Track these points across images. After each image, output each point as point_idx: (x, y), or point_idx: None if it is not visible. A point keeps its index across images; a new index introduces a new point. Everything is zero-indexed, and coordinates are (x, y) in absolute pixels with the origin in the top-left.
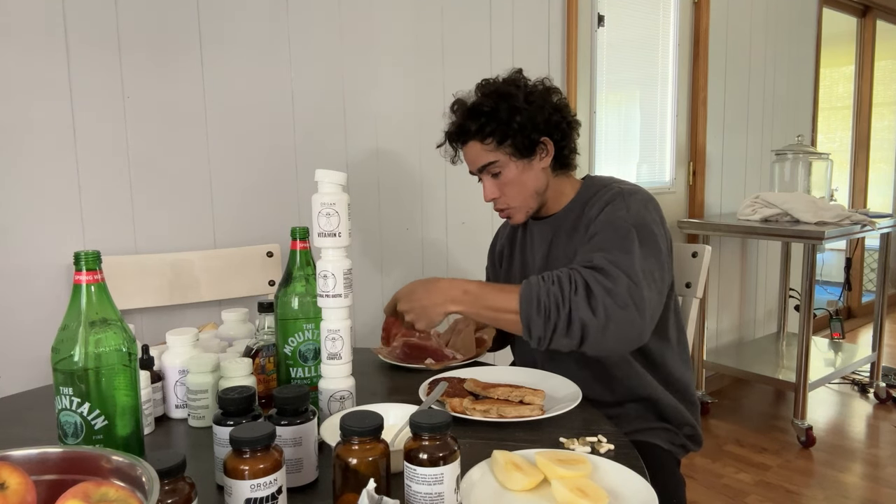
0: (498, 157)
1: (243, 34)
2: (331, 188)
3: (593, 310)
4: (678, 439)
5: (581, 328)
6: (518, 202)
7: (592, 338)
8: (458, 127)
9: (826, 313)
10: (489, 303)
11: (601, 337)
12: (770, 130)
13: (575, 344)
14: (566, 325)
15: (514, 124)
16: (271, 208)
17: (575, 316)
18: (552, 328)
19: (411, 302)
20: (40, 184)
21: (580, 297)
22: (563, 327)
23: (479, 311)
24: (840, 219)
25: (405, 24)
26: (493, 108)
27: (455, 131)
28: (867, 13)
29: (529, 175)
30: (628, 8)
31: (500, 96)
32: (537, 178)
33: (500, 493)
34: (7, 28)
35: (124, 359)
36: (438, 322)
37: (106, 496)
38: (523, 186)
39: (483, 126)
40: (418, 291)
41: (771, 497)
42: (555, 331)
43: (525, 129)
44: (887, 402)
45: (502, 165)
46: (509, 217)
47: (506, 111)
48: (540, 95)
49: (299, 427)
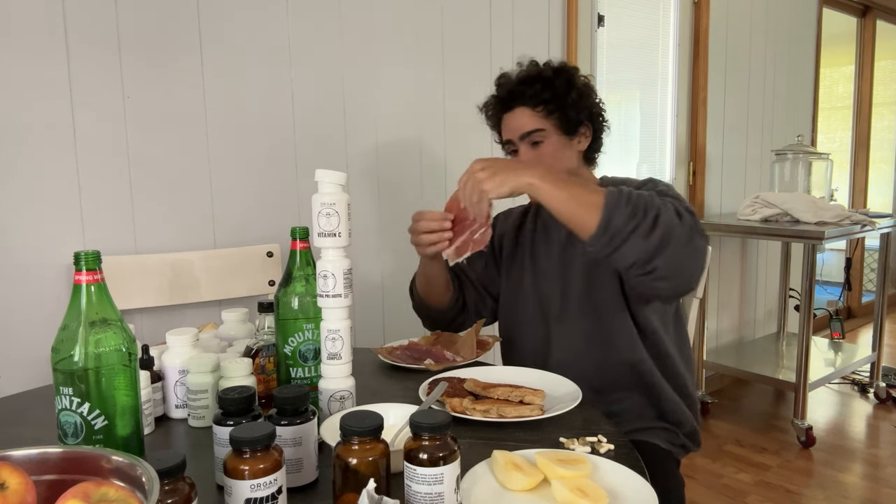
0: (545, 126)
1: (243, 34)
2: (331, 188)
3: (679, 215)
4: (678, 439)
5: (665, 231)
6: None
7: (672, 247)
8: (512, 92)
9: (826, 313)
10: (572, 188)
11: (681, 250)
12: (770, 130)
13: (651, 248)
14: (652, 222)
15: (568, 98)
16: (271, 208)
17: (662, 219)
18: (635, 224)
19: (494, 162)
20: (40, 184)
21: (668, 206)
22: (647, 225)
23: (558, 193)
24: (840, 219)
25: (405, 25)
26: (552, 77)
27: (506, 95)
28: (867, 13)
29: (567, 153)
30: (628, 8)
31: (559, 70)
32: (571, 159)
33: (500, 493)
34: (7, 28)
35: (124, 359)
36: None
37: (106, 496)
38: (560, 161)
39: (539, 92)
40: (500, 159)
41: (771, 497)
42: (636, 228)
43: (576, 106)
44: (887, 402)
45: (546, 136)
46: None
47: (563, 84)
48: (589, 86)
49: (299, 427)
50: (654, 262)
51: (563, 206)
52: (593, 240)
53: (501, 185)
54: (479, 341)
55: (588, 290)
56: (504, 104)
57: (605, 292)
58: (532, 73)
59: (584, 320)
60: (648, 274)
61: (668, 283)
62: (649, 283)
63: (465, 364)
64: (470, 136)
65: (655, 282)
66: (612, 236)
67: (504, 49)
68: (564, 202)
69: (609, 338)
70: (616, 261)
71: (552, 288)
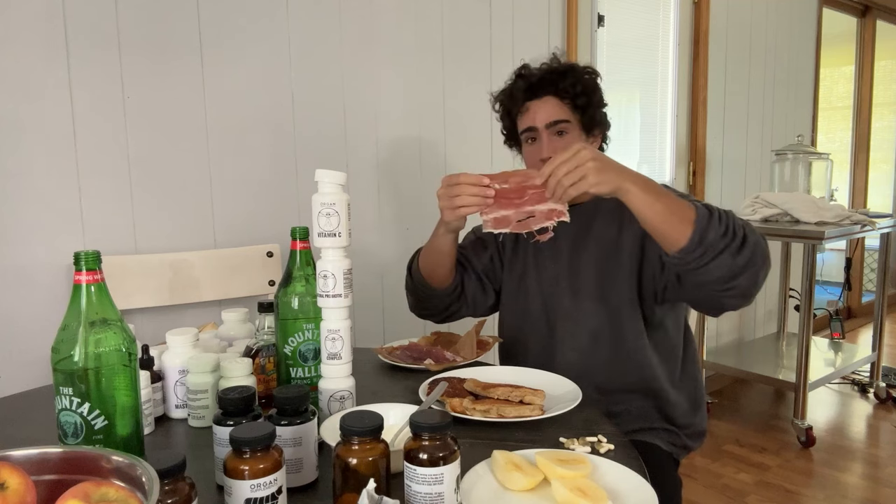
0: (570, 119)
1: (243, 34)
2: (331, 188)
3: (764, 240)
4: (679, 440)
5: (752, 252)
6: None
7: (755, 268)
8: (542, 79)
9: (826, 313)
10: (667, 199)
11: (760, 271)
12: (770, 130)
13: (738, 267)
14: (741, 243)
15: (594, 97)
16: (271, 208)
17: (751, 239)
18: (728, 241)
19: (602, 156)
20: (40, 184)
21: (751, 228)
22: (737, 245)
23: (654, 204)
24: (840, 219)
25: (405, 25)
26: (582, 75)
27: (537, 82)
28: (867, 13)
29: None
30: (628, 8)
31: (590, 70)
32: None
33: (500, 493)
34: (7, 28)
35: (124, 359)
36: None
37: (106, 496)
38: None
39: (571, 85)
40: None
41: (771, 497)
42: (727, 246)
43: (599, 106)
44: (887, 402)
45: (570, 128)
46: None
47: (591, 83)
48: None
49: (299, 427)
50: (737, 281)
51: (658, 218)
52: (684, 253)
53: (604, 184)
54: (479, 341)
55: (600, 291)
56: (534, 90)
57: (620, 293)
58: (564, 66)
59: (594, 320)
60: (726, 291)
61: (737, 301)
62: (723, 298)
63: (465, 364)
64: (470, 136)
65: (729, 299)
66: (703, 251)
67: (504, 49)
68: (659, 214)
69: (618, 338)
70: (700, 275)
71: (561, 289)
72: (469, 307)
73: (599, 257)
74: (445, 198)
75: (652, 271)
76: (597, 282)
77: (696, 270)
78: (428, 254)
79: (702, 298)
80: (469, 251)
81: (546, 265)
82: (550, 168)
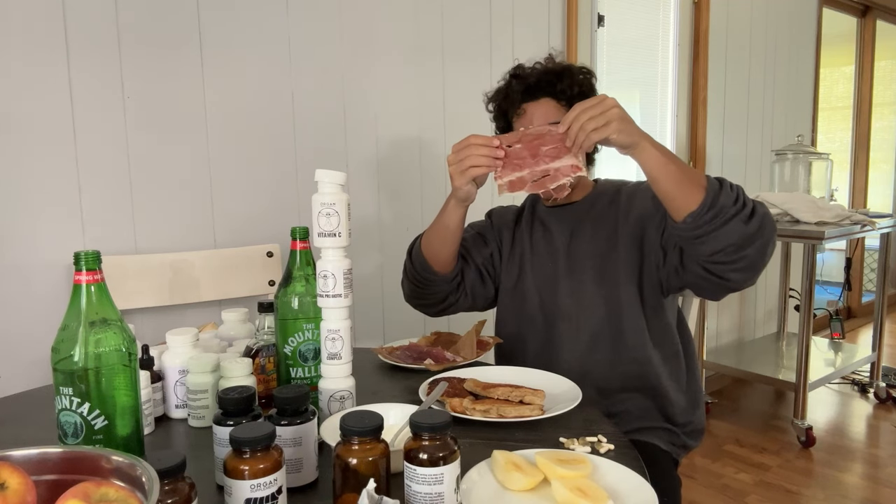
0: None
1: (243, 34)
2: (331, 188)
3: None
4: (678, 440)
5: (762, 222)
6: None
7: (764, 239)
8: (541, 82)
9: (826, 313)
10: (678, 163)
11: (768, 245)
12: (770, 130)
13: (748, 234)
14: (751, 211)
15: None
16: (271, 208)
17: (760, 210)
18: (739, 207)
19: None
20: (40, 183)
21: (759, 202)
22: (747, 213)
23: (667, 165)
24: (840, 219)
25: (405, 25)
26: (578, 76)
27: (535, 83)
28: (867, 13)
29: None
30: (628, 8)
31: (585, 71)
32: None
33: (500, 493)
34: (7, 28)
35: (124, 359)
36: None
37: (106, 496)
38: None
39: (568, 87)
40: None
41: (771, 497)
42: (738, 212)
43: None
44: (887, 402)
45: None
46: None
47: (587, 84)
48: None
49: (299, 427)
50: (746, 251)
51: (672, 178)
52: (695, 216)
53: (625, 134)
54: (478, 341)
55: (600, 290)
56: (530, 92)
57: (619, 291)
58: (561, 67)
59: (594, 319)
60: (733, 262)
61: (743, 276)
62: (728, 271)
63: (465, 364)
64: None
65: (735, 272)
66: (715, 215)
67: (504, 49)
68: (673, 175)
69: (619, 336)
70: (708, 242)
71: (561, 288)
72: (468, 298)
73: (597, 256)
74: (455, 161)
75: (654, 262)
76: (595, 281)
77: (705, 237)
78: (433, 231)
79: (707, 276)
80: (469, 243)
81: (544, 264)
82: (574, 114)
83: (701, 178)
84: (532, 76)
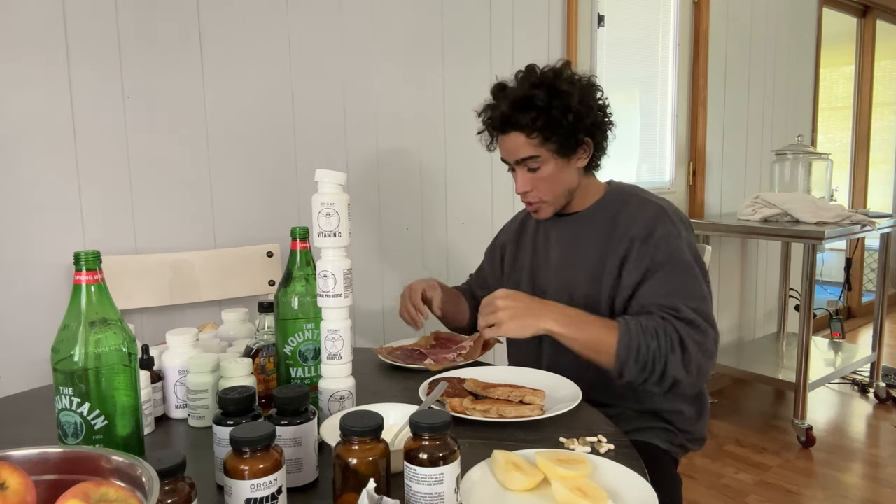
0: (540, 153)
1: (243, 34)
2: (331, 188)
3: (686, 368)
4: (677, 439)
5: (672, 383)
6: (550, 198)
7: (680, 388)
8: (505, 116)
9: (826, 313)
10: (588, 334)
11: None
12: (770, 130)
13: (662, 391)
14: (659, 378)
15: (564, 123)
16: (271, 208)
17: (669, 374)
18: (645, 378)
19: (516, 300)
20: (40, 184)
21: (676, 356)
22: (655, 380)
23: (576, 337)
24: (840, 219)
25: (405, 24)
26: (547, 103)
27: (500, 120)
28: (867, 13)
29: (566, 173)
30: (628, 8)
31: (556, 93)
32: (572, 177)
33: (500, 493)
34: (7, 28)
35: (124, 359)
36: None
37: (106, 496)
38: (558, 184)
39: (534, 120)
40: (523, 298)
41: (771, 497)
42: (647, 380)
43: (574, 129)
44: (887, 402)
45: (542, 161)
46: (536, 211)
47: (559, 109)
48: (590, 94)
49: (299, 427)
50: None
51: (581, 348)
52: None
53: (521, 329)
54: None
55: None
56: (497, 128)
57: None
58: (525, 95)
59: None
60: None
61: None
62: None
63: (465, 364)
64: (470, 136)
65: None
66: (626, 383)
67: (504, 49)
68: (581, 345)
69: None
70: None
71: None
72: None
73: (588, 276)
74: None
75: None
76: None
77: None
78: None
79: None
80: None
81: (540, 276)
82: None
83: (612, 344)
84: (499, 109)
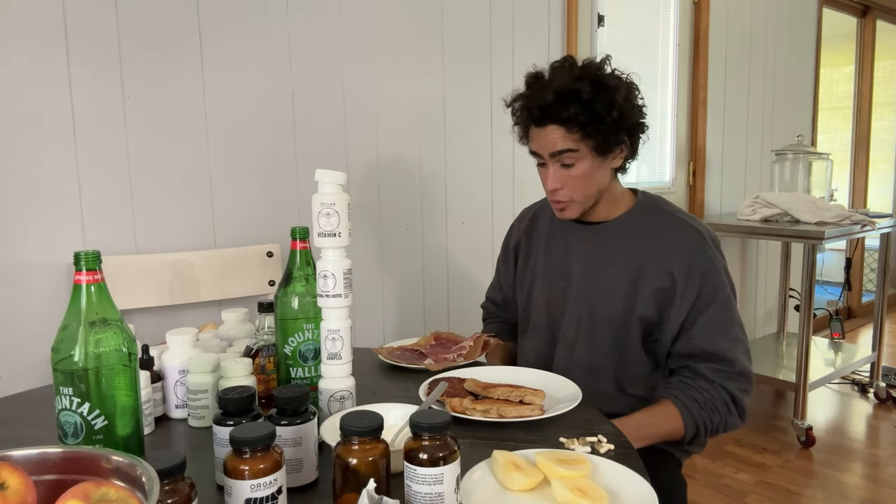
0: (578, 148)
1: (243, 34)
2: (331, 188)
3: (741, 417)
4: (680, 443)
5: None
6: (580, 197)
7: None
8: (545, 108)
9: (826, 313)
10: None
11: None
12: (770, 130)
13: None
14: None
15: (608, 120)
16: (271, 208)
17: (729, 428)
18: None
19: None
20: (40, 184)
21: (733, 416)
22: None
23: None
24: (840, 219)
25: (405, 24)
26: (592, 98)
27: (540, 111)
28: (867, 13)
29: (600, 172)
30: (628, 8)
31: (603, 87)
32: (605, 177)
33: (500, 493)
34: (7, 28)
35: (124, 359)
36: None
37: (106, 496)
38: (591, 183)
39: (577, 114)
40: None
41: (771, 497)
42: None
43: (616, 127)
44: (887, 402)
45: (578, 157)
46: (562, 209)
47: (604, 105)
48: (634, 93)
49: (299, 427)
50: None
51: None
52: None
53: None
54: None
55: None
56: (535, 119)
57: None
58: (569, 88)
59: (596, 355)
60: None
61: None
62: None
63: (465, 364)
64: (470, 135)
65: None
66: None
67: (504, 49)
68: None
69: (622, 374)
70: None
71: (568, 315)
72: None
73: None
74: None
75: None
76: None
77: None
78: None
79: None
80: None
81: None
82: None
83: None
84: (539, 100)
